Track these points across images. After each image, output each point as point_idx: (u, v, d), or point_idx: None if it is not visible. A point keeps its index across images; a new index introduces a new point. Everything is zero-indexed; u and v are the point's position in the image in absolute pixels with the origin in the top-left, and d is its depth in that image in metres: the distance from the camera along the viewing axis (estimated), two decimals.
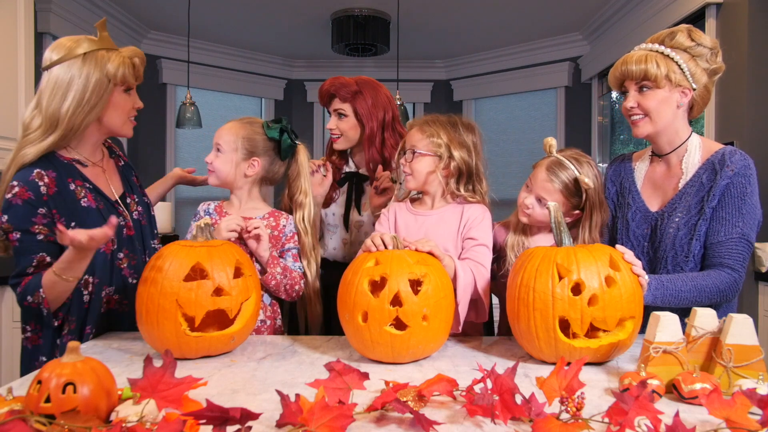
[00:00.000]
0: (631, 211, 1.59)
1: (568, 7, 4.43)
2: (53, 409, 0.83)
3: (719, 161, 1.48)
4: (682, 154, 1.54)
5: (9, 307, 2.81)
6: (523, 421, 0.91)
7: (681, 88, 1.48)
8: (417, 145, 1.58)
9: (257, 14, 4.63)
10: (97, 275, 1.48)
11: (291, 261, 1.70)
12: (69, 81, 1.43)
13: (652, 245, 1.54)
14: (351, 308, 1.28)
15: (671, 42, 1.48)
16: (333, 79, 1.97)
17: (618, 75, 1.52)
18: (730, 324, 1.09)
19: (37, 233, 1.40)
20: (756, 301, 2.72)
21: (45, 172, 1.42)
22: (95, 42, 1.48)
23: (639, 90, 1.50)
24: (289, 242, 1.71)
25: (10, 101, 2.75)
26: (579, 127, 5.19)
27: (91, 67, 1.44)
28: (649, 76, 1.46)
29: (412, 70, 5.96)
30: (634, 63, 1.48)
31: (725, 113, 3.14)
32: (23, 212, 1.38)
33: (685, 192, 1.51)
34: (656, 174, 1.61)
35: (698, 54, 1.48)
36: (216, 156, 1.69)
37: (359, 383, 0.98)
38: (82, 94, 1.43)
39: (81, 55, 1.44)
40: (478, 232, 1.56)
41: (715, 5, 3.21)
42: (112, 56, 1.47)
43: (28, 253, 1.40)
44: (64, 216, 1.43)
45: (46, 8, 3.66)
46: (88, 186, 1.51)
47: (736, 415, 0.87)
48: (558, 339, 1.22)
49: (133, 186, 1.67)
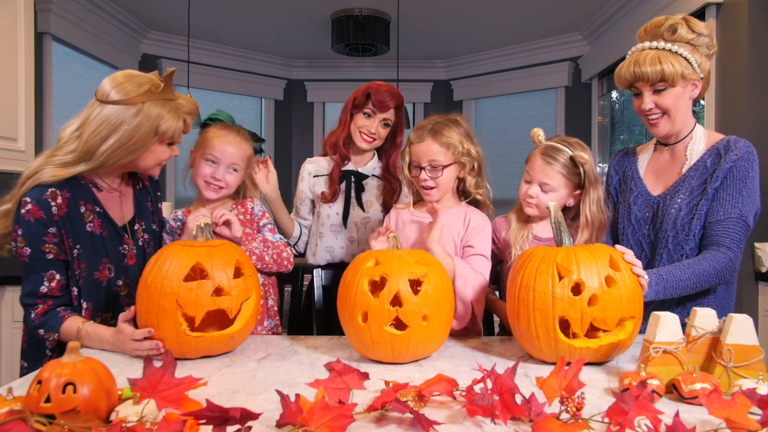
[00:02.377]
0: (633, 196, 1.62)
1: (568, 7, 4.42)
2: (53, 409, 0.83)
3: (724, 146, 1.51)
4: (688, 143, 1.57)
5: (9, 307, 2.81)
6: (523, 421, 0.91)
7: (692, 81, 1.50)
8: (437, 158, 1.56)
9: (257, 14, 4.63)
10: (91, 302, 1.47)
11: (269, 234, 1.75)
12: (117, 125, 1.41)
13: (653, 227, 1.57)
14: (351, 308, 1.28)
15: (673, 36, 1.48)
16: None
17: (629, 77, 1.51)
18: (730, 324, 1.09)
19: (47, 252, 1.41)
20: (756, 301, 2.72)
21: (60, 192, 1.43)
22: (156, 94, 1.44)
23: (654, 90, 1.49)
24: (262, 219, 1.76)
25: (10, 101, 2.75)
26: (579, 127, 5.18)
27: (144, 120, 1.41)
28: (666, 78, 1.46)
29: (412, 70, 5.96)
30: (648, 65, 1.46)
31: (725, 113, 3.14)
32: (35, 230, 1.39)
33: (689, 175, 1.54)
34: (660, 161, 1.63)
35: (700, 44, 1.49)
36: (231, 174, 1.71)
37: (359, 383, 0.98)
38: (127, 140, 1.42)
39: (141, 102, 1.41)
40: (477, 242, 1.59)
41: (715, 5, 3.21)
42: (168, 116, 1.44)
43: (38, 270, 1.41)
44: (71, 238, 1.43)
45: (46, 8, 3.66)
46: (98, 210, 1.50)
47: (736, 415, 0.87)
48: (558, 339, 1.22)
49: (144, 212, 1.64)
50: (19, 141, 2.82)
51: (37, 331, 1.41)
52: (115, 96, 1.40)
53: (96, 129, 1.41)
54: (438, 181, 1.58)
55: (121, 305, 1.52)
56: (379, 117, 2.00)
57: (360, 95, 2.01)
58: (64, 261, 1.43)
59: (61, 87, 3.93)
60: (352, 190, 2.06)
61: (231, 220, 1.59)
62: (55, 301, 1.43)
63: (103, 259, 1.49)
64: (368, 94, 1.98)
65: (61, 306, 1.43)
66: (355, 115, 2.02)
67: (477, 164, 1.62)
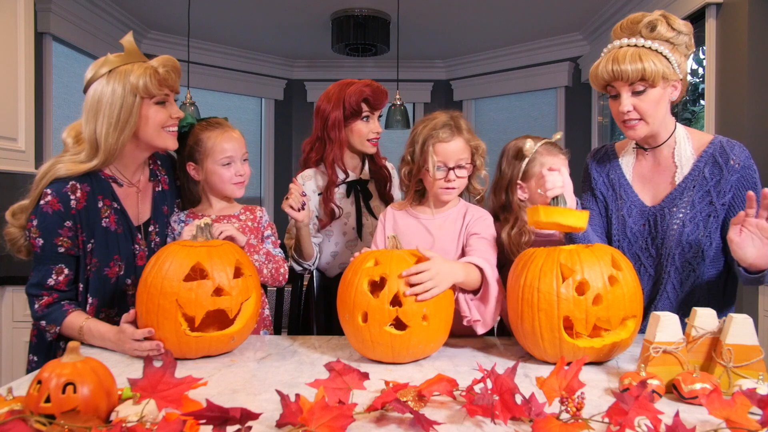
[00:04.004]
0: (626, 207, 1.55)
1: (568, 7, 4.42)
2: (53, 409, 0.83)
3: (720, 153, 1.45)
4: (672, 147, 1.51)
5: (9, 307, 2.81)
6: (523, 421, 0.91)
7: (672, 82, 1.42)
8: (464, 156, 1.50)
9: (257, 14, 4.63)
10: (97, 297, 1.48)
11: (271, 247, 1.72)
12: (99, 99, 1.42)
13: (653, 242, 1.51)
14: (351, 308, 1.28)
15: (651, 34, 1.38)
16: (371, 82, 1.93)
17: (607, 76, 1.41)
18: (730, 324, 1.09)
19: (59, 245, 1.42)
20: (756, 301, 2.72)
21: (80, 185, 1.44)
22: (120, 57, 1.44)
23: (633, 92, 1.40)
24: (267, 230, 1.74)
25: (10, 101, 2.75)
26: (579, 127, 5.18)
27: (116, 83, 1.41)
28: (647, 77, 1.37)
29: (412, 70, 5.96)
30: (628, 63, 1.37)
31: (725, 113, 3.14)
32: (51, 222, 1.40)
33: (686, 186, 1.47)
34: (644, 167, 1.56)
35: (680, 43, 1.41)
36: (246, 164, 1.69)
37: (359, 383, 0.98)
38: (111, 111, 1.41)
39: (106, 72, 1.42)
40: (481, 228, 1.54)
41: (715, 5, 3.21)
42: (135, 69, 1.42)
43: (48, 262, 1.42)
44: (86, 232, 1.44)
45: (46, 8, 3.66)
46: (115, 206, 1.50)
47: (736, 415, 0.87)
48: (563, 339, 1.22)
49: (159, 214, 1.62)
50: (19, 141, 2.83)
51: (39, 322, 1.42)
52: (88, 76, 1.44)
53: (86, 117, 1.44)
54: (461, 182, 1.52)
55: (128, 303, 1.52)
56: (376, 115, 1.95)
57: (352, 103, 1.87)
58: (74, 256, 1.44)
59: (61, 87, 3.93)
60: (361, 200, 1.97)
61: (233, 235, 1.55)
62: (61, 294, 1.43)
63: (114, 256, 1.49)
64: (365, 99, 1.88)
65: (66, 300, 1.44)
66: (352, 125, 1.90)
67: (480, 161, 1.57)
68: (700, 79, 3.75)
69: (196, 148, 1.64)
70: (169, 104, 1.51)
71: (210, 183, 1.66)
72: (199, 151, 1.63)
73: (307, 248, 1.86)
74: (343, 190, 1.96)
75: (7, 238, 1.46)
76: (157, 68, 1.45)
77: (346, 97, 1.88)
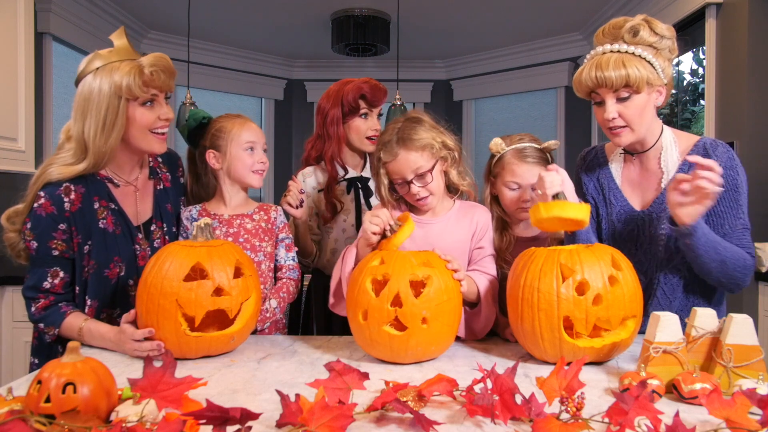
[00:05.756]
0: (615, 211, 1.54)
1: (568, 7, 4.42)
2: (53, 409, 0.83)
3: (703, 156, 1.42)
4: (659, 151, 1.49)
5: (9, 307, 2.81)
6: (523, 421, 0.91)
7: (657, 87, 1.39)
8: (420, 165, 1.45)
9: (257, 14, 4.63)
10: (97, 299, 1.47)
11: (284, 252, 1.69)
12: (87, 97, 1.39)
13: (638, 246, 1.50)
14: (353, 306, 1.29)
15: (634, 39, 1.37)
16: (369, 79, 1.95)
17: (590, 83, 1.38)
18: (730, 324, 1.09)
19: (54, 248, 1.41)
20: (756, 301, 2.72)
21: (74, 187, 1.42)
22: (110, 53, 1.40)
23: (617, 98, 1.38)
24: (281, 232, 1.70)
25: (10, 101, 2.75)
26: (579, 127, 5.18)
27: (102, 81, 1.38)
28: (632, 83, 1.34)
29: (412, 70, 5.95)
30: (611, 69, 1.34)
31: (725, 113, 3.14)
32: (45, 224, 1.39)
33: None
34: (632, 172, 1.55)
35: (663, 47, 1.39)
36: (265, 154, 1.70)
37: (359, 383, 0.98)
38: (98, 112, 1.38)
39: (94, 69, 1.39)
40: (486, 241, 1.56)
41: (715, 5, 3.21)
42: (122, 67, 1.37)
43: (43, 265, 1.41)
44: (81, 234, 1.43)
45: (46, 8, 3.66)
46: (112, 207, 1.49)
47: (736, 415, 0.87)
48: (563, 339, 1.22)
49: (164, 213, 1.59)
50: (19, 141, 2.83)
51: (36, 324, 1.42)
52: (80, 69, 1.42)
53: (75, 115, 1.42)
54: (430, 188, 1.48)
55: (130, 303, 1.51)
56: (375, 112, 1.95)
57: (350, 100, 1.89)
58: (70, 259, 1.43)
59: (61, 87, 3.93)
60: (362, 197, 1.97)
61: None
62: (57, 297, 1.43)
63: (114, 257, 1.48)
64: (362, 95, 1.89)
65: (63, 302, 1.43)
66: (350, 122, 1.92)
67: (457, 153, 1.53)
68: (700, 79, 3.74)
69: (219, 135, 1.65)
70: (157, 105, 1.46)
71: (232, 170, 1.64)
72: (222, 137, 1.64)
73: (306, 245, 1.87)
74: (343, 187, 1.97)
75: (7, 243, 1.45)
76: (144, 68, 1.40)
77: (344, 95, 1.90)
